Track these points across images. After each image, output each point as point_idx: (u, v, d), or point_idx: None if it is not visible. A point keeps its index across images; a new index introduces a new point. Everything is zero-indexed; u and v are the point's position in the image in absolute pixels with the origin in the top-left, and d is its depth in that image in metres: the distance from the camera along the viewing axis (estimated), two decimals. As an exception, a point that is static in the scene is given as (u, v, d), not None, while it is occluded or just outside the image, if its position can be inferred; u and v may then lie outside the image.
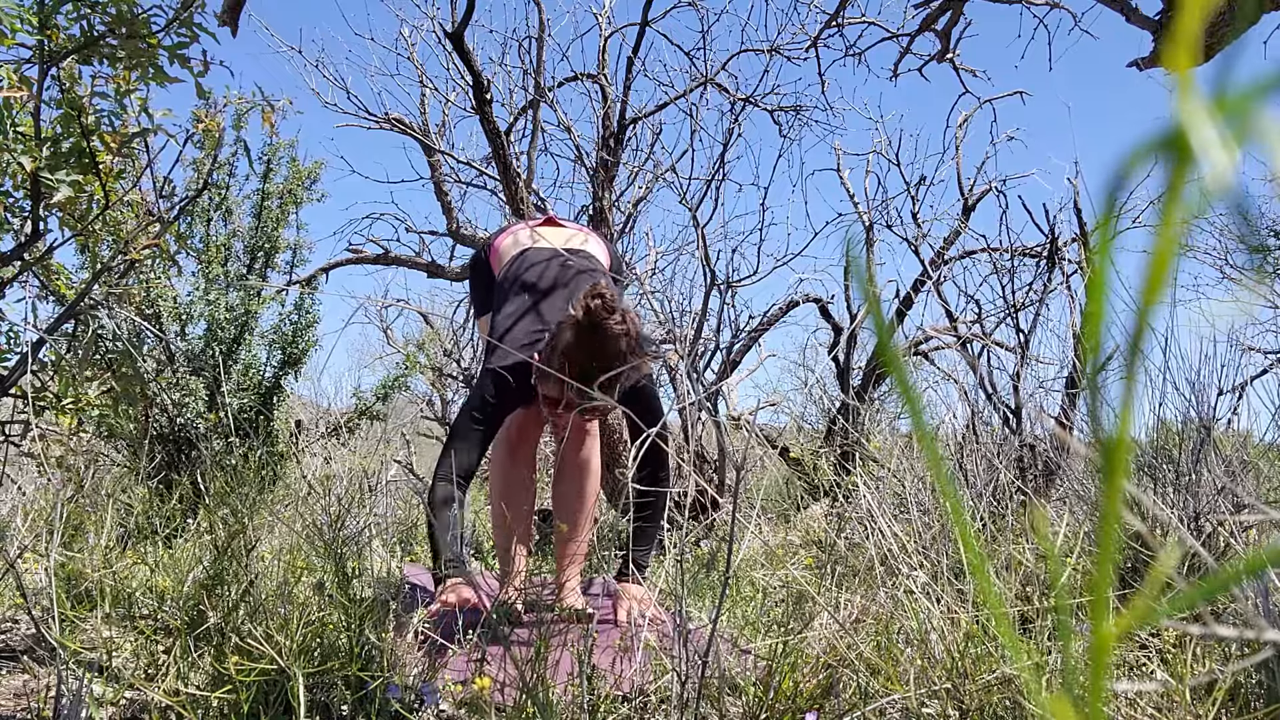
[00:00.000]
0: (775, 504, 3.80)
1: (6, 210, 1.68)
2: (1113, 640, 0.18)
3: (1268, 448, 1.90)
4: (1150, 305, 0.17)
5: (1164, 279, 0.16)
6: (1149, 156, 0.16)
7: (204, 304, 3.22)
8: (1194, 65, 0.16)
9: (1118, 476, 0.17)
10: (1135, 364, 0.17)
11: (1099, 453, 0.18)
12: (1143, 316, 0.17)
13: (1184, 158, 0.15)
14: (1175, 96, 0.15)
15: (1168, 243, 0.16)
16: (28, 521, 1.96)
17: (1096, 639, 0.18)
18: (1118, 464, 0.17)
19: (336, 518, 1.25)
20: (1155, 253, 0.16)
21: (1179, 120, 0.15)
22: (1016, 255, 3.67)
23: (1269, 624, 1.04)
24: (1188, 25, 0.15)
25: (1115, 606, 1.29)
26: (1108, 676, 0.19)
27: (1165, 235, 0.16)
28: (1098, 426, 0.18)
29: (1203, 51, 2.16)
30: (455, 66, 4.10)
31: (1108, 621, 0.18)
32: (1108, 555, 0.18)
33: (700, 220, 3.88)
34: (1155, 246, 0.16)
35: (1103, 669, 0.18)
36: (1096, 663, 0.18)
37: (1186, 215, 0.16)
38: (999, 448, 2.35)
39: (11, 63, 1.58)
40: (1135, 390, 0.17)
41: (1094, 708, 0.19)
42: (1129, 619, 0.18)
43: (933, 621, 1.12)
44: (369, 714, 1.13)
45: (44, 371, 2.04)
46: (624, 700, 1.19)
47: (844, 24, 3.56)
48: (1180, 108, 0.15)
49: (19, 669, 1.40)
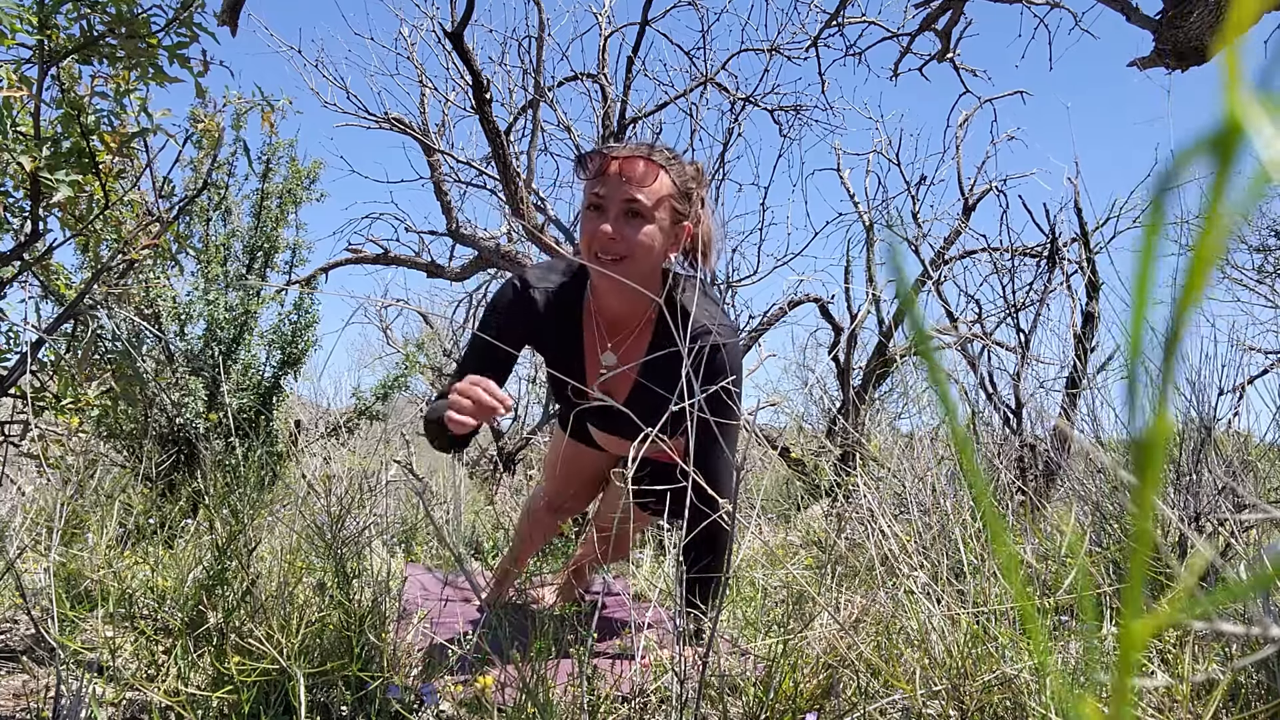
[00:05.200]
0: (775, 504, 3.80)
1: (6, 210, 1.67)
2: (1145, 638, 0.18)
3: (1268, 448, 1.90)
4: (1191, 304, 0.16)
5: (1206, 278, 0.16)
6: (1197, 153, 0.16)
7: (203, 304, 3.22)
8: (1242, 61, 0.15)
9: (1153, 475, 0.17)
10: (1172, 363, 0.17)
11: (1134, 451, 0.18)
12: (1181, 315, 0.17)
13: (1230, 155, 0.15)
14: (1224, 91, 0.15)
15: (1212, 241, 0.16)
16: (27, 522, 1.96)
17: (1127, 637, 0.18)
18: (1153, 462, 0.17)
19: (336, 518, 1.25)
20: (1198, 251, 0.16)
21: (1227, 116, 0.15)
22: (1016, 255, 3.67)
23: (1273, 622, 1.04)
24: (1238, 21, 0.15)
25: (1115, 607, 1.29)
26: (1114, 675, 0.19)
27: (1210, 234, 0.16)
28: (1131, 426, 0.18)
29: (1209, 49, 2.15)
30: (455, 66, 4.10)
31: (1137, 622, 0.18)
32: (1141, 554, 0.18)
33: (700, 220, 3.87)
34: (1199, 245, 0.16)
35: (1131, 667, 0.18)
36: (1125, 660, 0.18)
37: (1233, 214, 0.15)
38: (999, 448, 2.35)
39: (11, 63, 1.58)
40: (1171, 388, 0.17)
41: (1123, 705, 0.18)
42: (1161, 618, 0.18)
43: (933, 622, 1.12)
44: (369, 714, 1.13)
45: (44, 371, 2.04)
46: (624, 700, 1.19)
47: (844, 24, 3.56)
48: (1229, 104, 0.15)
49: (19, 669, 1.40)
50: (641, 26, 3.49)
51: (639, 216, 1.41)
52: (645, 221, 1.41)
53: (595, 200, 1.42)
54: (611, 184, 1.41)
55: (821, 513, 3.08)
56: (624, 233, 1.41)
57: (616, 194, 1.40)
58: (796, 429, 4.59)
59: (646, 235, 1.42)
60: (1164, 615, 0.18)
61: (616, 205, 1.40)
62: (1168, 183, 0.16)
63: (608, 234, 1.40)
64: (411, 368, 3.93)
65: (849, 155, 4.41)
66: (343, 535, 1.24)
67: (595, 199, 1.42)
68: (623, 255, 1.42)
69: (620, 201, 1.40)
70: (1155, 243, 0.17)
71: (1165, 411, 0.17)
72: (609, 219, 1.41)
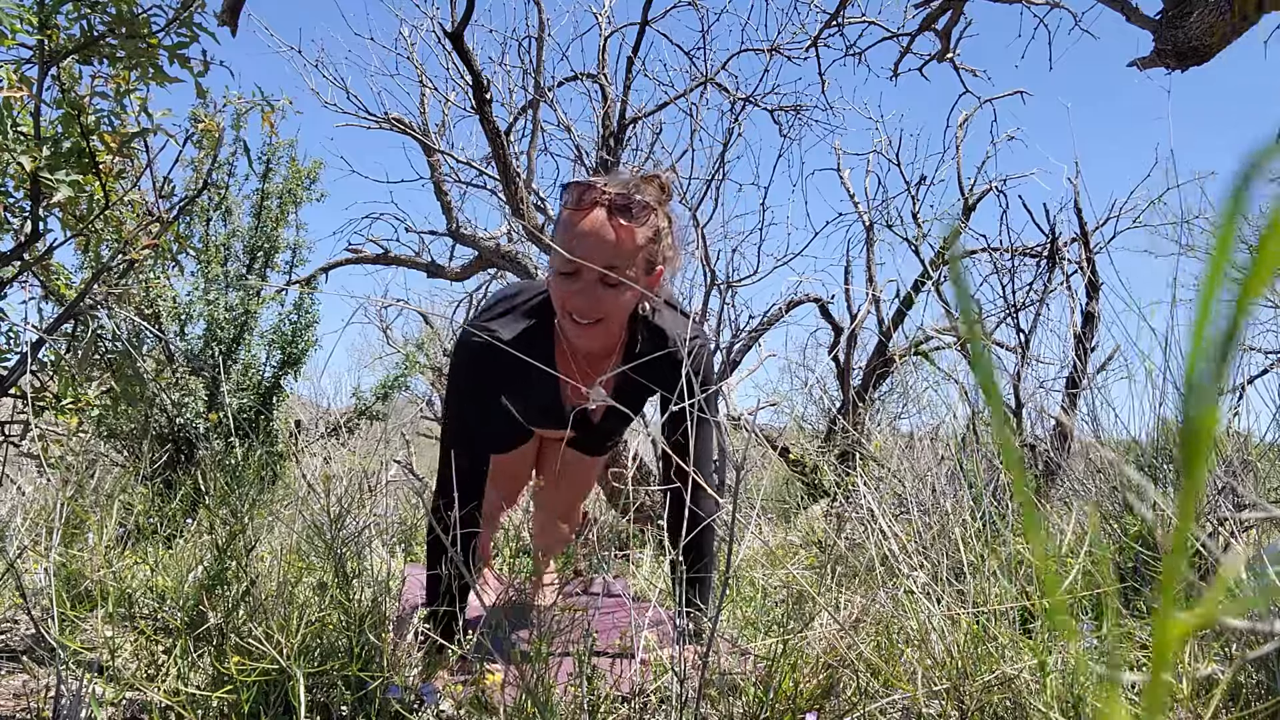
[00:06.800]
0: (775, 504, 3.80)
1: (6, 210, 1.67)
2: (1181, 636, 0.18)
3: (1268, 448, 1.90)
4: (1252, 298, 0.16)
5: (1271, 273, 0.16)
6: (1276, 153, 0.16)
7: (203, 304, 3.22)
8: None
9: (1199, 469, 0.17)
10: (1228, 357, 0.17)
11: (1182, 445, 0.18)
12: (1240, 309, 0.16)
13: None
14: None
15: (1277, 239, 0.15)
16: (27, 522, 1.96)
17: (1161, 634, 0.18)
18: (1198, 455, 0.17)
19: (336, 518, 1.25)
20: (1264, 247, 0.16)
21: None
22: (1016, 255, 3.67)
23: (1276, 618, 1.03)
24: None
25: (1118, 607, 1.29)
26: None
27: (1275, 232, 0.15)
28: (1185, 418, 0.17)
29: (1211, 49, 2.15)
30: (455, 66, 4.10)
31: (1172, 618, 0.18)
32: (1181, 549, 0.18)
33: (700, 220, 3.88)
34: (1264, 241, 0.16)
35: (1166, 664, 0.18)
36: (1159, 658, 0.18)
37: None
38: (999, 447, 2.35)
39: (11, 63, 1.58)
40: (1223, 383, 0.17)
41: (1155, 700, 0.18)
42: (1198, 616, 0.18)
43: (933, 621, 1.12)
44: (369, 714, 1.13)
45: (44, 371, 2.03)
46: (624, 700, 1.19)
47: (844, 24, 3.56)
48: None
49: (19, 669, 1.40)
50: (641, 26, 3.49)
51: (614, 287, 1.37)
52: (621, 288, 1.38)
53: (568, 267, 1.36)
54: (584, 251, 1.35)
55: (821, 513, 3.08)
56: (599, 302, 1.37)
57: (591, 263, 1.35)
58: (796, 429, 4.59)
59: (622, 300, 1.39)
60: (1201, 613, 0.18)
61: (591, 274, 1.36)
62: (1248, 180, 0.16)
63: (583, 305, 1.37)
64: (411, 368, 3.93)
65: (849, 155, 4.41)
66: (343, 535, 1.25)
67: (568, 264, 1.36)
68: (598, 319, 1.39)
69: (595, 273, 1.35)
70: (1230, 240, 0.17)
71: (1213, 409, 0.17)
72: (583, 288, 1.36)
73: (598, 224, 1.35)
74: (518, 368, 1.45)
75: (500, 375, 1.49)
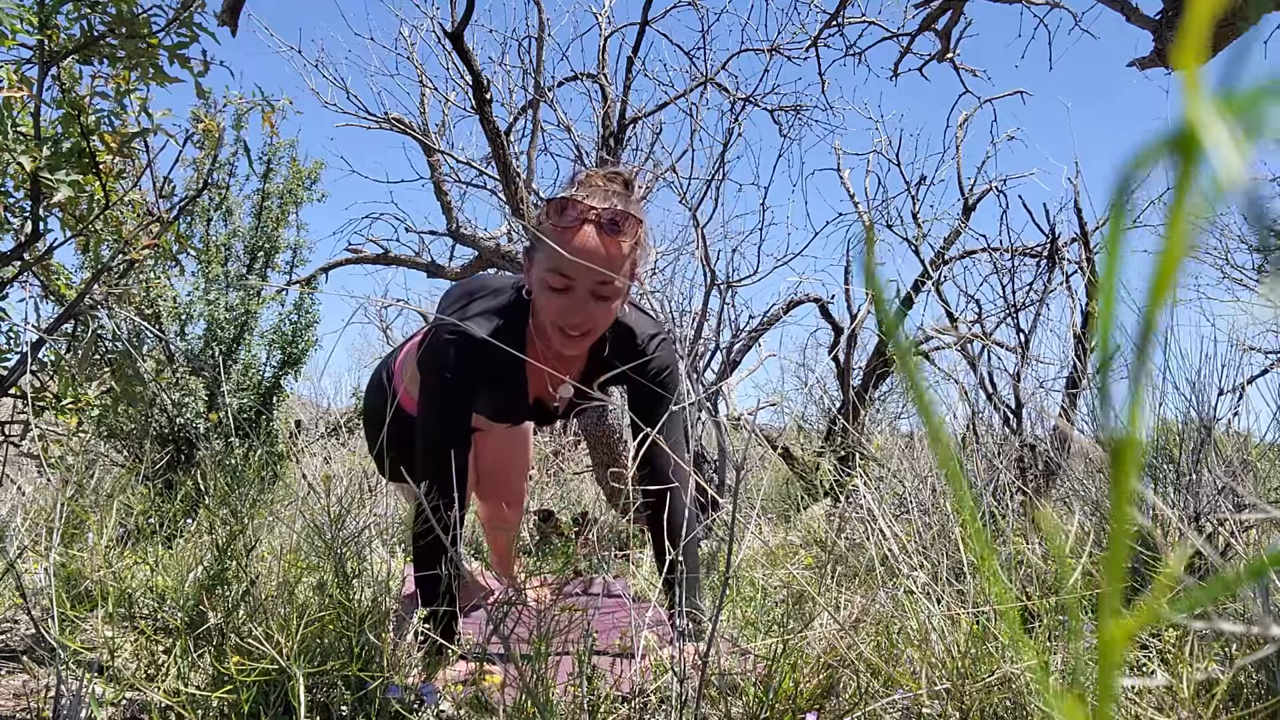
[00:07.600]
0: (775, 504, 3.80)
1: (6, 210, 1.67)
2: (1123, 639, 0.18)
3: (1268, 448, 1.90)
4: (1157, 306, 0.17)
5: (1172, 279, 0.16)
6: (1156, 156, 0.16)
7: (204, 304, 3.22)
8: (1201, 63, 0.16)
9: (1126, 475, 0.17)
10: (1143, 364, 0.17)
11: (1108, 452, 0.18)
12: (1150, 317, 0.17)
13: (1192, 156, 0.15)
14: (1183, 95, 0.15)
15: (1176, 242, 0.16)
16: (27, 522, 1.96)
17: (1106, 638, 0.18)
18: (1126, 462, 0.17)
19: (336, 518, 1.25)
20: (1163, 252, 0.16)
21: (1187, 118, 0.15)
22: (1016, 255, 3.67)
23: (1273, 621, 1.04)
24: (1197, 22, 0.15)
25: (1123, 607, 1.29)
26: (1115, 675, 0.19)
27: (1174, 235, 0.16)
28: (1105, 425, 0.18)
29: (1209, 49, 2.16)
30: (455, 66, 4.10)
31: (1117, 620, 0.18)
32: (1119, 553, 0.18)
33: (700, 220, 3.88)
34: (1164, 246, 0.16)
35: (1113, 667, 0.18)
36: (1106, 661, 0.18)
37: (1195, 215, 0.16)
38: (999, 447, 2.35)
39: (11, 63, 1.58)
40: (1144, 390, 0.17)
41: (1103, 706, 0.19)
42: (1139, 618, 0.18)
43: (933, 621, 1.12)
44: (369, 714, 1.13)
45: (44, 371, 2.04)
46: (624, 700, 1.19)
47: (844, 24, 3.56)
48: (1189, 106, 0.15)
49: (19, 669, 1.40)
50: (641, 26, 3.49)
51: (606, 299, 1.38)
52: (612, 297, 1.39)
53: (560, 284, 1.35)
54: (580, 269, 1.34)
55: (822, 513, 3.08)
56: (592, 315, 1.37)
57: (584, 279, 1.35)
58: (796, 429, 4.59)
59: (612, 309, 1.41)
60: (1142, 615, 0.18)
61: (584, 289, 1.35)
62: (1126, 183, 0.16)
63: (578, 320, 1.37)
64: (411, 368, 3.92)
65: (849, 155, 4.41)
66: (343, 535, 1.25)
67: (560, 280, 1.35)
68: (589, 331, 1.40)
69: (588, 287, 1.36)
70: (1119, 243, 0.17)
71: (1138, 413, 0.17)
72: (576, 303, 1.36)
73: (591, 242, 1.34)
74: (489, 366, 1.45)
75: (475, 372, 1.48)
